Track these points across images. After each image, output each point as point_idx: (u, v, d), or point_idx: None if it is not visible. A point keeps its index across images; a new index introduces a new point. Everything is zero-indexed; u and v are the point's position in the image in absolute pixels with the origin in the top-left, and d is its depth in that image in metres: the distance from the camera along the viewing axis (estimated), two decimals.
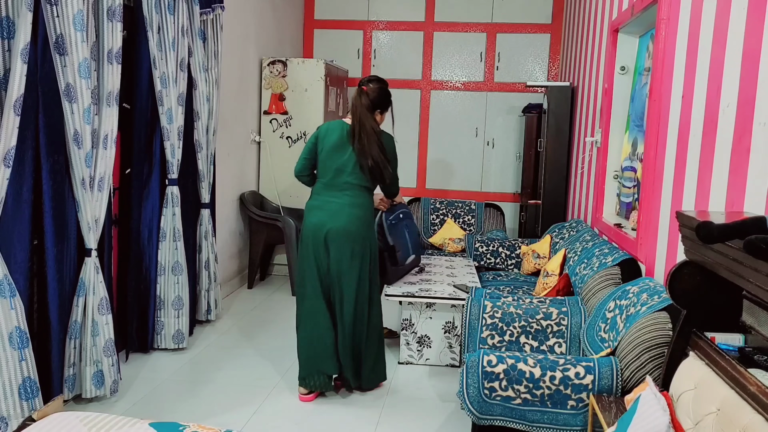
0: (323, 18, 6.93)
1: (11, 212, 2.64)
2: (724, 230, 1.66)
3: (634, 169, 3.79)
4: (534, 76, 6.68)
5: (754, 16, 2.13)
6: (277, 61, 5.69)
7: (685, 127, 2.70)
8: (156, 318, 3.83)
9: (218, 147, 4.64)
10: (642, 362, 2.31)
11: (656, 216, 3.02)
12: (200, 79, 4.09)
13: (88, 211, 3.02)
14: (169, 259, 3.84)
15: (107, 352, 3.15)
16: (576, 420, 2.37)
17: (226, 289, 5.10)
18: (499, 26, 6.69)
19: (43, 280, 2.89)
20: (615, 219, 3.99)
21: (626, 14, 3.81)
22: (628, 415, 1.86)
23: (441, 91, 6.86)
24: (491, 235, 5.52)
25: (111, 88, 3.12)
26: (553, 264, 4.00)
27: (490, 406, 2.42)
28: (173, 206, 3.84)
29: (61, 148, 2.89)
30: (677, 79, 2.86)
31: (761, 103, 2.05)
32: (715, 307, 2.02)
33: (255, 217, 5.33)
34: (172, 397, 3.33)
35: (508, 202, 6.74)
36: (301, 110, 5.70)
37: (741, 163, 2.16)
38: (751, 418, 1.55)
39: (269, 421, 3.11)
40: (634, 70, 4.01)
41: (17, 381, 2.64)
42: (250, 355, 3.92)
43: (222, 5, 4.28)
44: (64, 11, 2.74)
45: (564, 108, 5.28)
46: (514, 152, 6.77)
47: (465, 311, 3.24)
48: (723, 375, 1.77)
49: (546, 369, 2.40)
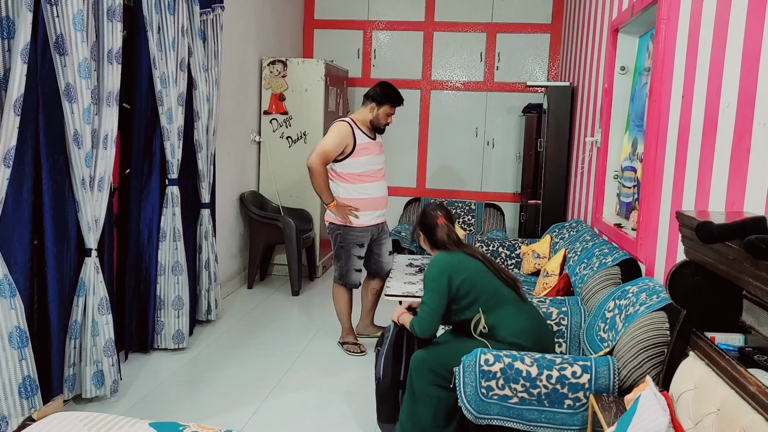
0: (323, 18, 6.93)
1: (11, 212, 2.64)
2: (724, 230, 1.66)
3: (634, 169, 3.79)
4: (534, 76, 6.68)
5: (754, 16, 2.13)
6: (277, 61, 5.69)
7: (685, 127, 2.70)
8: (156, 318, 3.83)
9: (218, 147, 4.64)
10: (639, 362, 2.31)
11: (656, 216, 3.02)
12: (200, 79, 4.09)
13: (88, 211, 3.02)
14: (169, 259, 3.84)
15: (107, 352, 3.15)
16: (573, 419, 2.37)
17: (226, 289, 5.10)
18: (499, 26, 6.69)
19: (43, 280, 2.89)
20: (615, 219, 3.99)
21: (626, 14, 3.81)
22: (628, 415, 1.86)
23: (441, 91, 6.86)
24: (491, 235, 5.52)
25: (111, 88, 3.12)
26: (553, 264, 4.00)
27: (488, 405, 2.41)
28: (173, 206, 3.84)
29: (61, 148, 2.89)
30: (677, 79, 2.86)
31: (761, 103, 2.05)
32: (715, 307, 2.02)
33: (255, 217, 5.33)
34: (172, 397, 3.33)
35: (508, 202, 6.74)
36: (301, 110, 5.70)
37: (741, 163, 2.16)
38: (751, 418, 1.55)
39: (269, 421, 3.11)
40: (634, 70, 4.01)
41: (17, 380, 2.64)
42: (250, 355, 3.92)
43: (222, 5, 4.28)
44: (64, 11, 2.74)
45: (564, 108, 5.27)
46: (514, 152, 6.77)
47: None
48: (723, 375, 1.76)
49: (543, 368, 2.39)
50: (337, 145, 3.82)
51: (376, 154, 3.94)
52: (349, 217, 3.85)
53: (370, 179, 3.91)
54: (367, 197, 3.91)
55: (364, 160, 3.87)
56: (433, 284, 2.68)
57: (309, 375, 3.67)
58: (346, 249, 3.94)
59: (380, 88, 3.90)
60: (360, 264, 3.98)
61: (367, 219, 3.93)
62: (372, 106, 3.88)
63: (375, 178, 3.94)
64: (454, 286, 2.66)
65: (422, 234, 2.95)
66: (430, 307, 2.66)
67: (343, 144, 3.82)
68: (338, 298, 4.06)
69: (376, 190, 3.94)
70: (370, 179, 3.91)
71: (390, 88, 3.91)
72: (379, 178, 3.97)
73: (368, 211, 3.92)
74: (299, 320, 4.75)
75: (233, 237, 5.31)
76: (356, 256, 3.96)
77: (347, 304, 4.07)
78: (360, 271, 4.00)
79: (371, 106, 3.89)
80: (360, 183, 3.89)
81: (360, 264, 3.98)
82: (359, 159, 3.85)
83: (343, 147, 3.82)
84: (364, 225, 3.92)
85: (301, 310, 4.98)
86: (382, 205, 4.02)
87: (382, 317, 4.44)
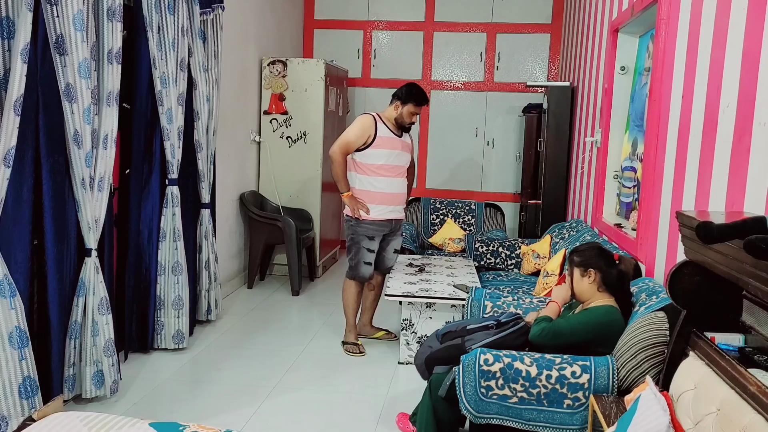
0: (323, 18, 6.93)
1: (11, 212, 2.64)
2: (724, 230, 1.66)
3: (634, 169, 3.79)
4: (534, 76, 6.68)
5: (754, 16, 2.13)
6: (277, 61, 5.69)
7: (685, 127, 2.70)
8: (156, 318, 3.83)
9: (218, 147, 4.64)
10: (638, 361, 2.32)
11: (656, 216, 3.02)
12: (200, 79, 4.08)
13: (88, 211, 3.02)
14: (169, 259, 3.84)
15: (107, 352, 3.15)
16: (572, 419, 2.37)
17: (226, 289, 5.10)
18: (499, 26, 6.69)
19: (43, 280, 2.89)
20: (615, 219, 3.99)
21: (626, 14, 3.81)
22: (628, 415, 1.86)
23: (441, 91, 6.86)
24: (491, 235, 5.52)
25: (111, 88, 3.11)
26: (553, 264, 4.00)
27: (487, 405, 2.42)
28: (173, 206, 3.84)
29: (61, 148, 2.89)
30: (677, 79, 2.86)
31: (761, 103, 2.05)
32: (715, 307, 2.02)
33: (255, 217, 5.33)
34: (172, 397, 3.33)
35: (508, 202, 6.74)
36: (301, 110, 5.70)
37: (741, 163, 2.16)
38: (751, 418, 1.55)
39: (269, 421, 3.11)
40: (634, 70, 4.01)
41: (17, 380, 2.64)
42: (250, 355, 3.92)
43: (222, 5, 4.28)
44: (64, 11, 2.74)
45: (564, 108, 5.28)
46: (514, 152, 6.77)
47: (465, 311, 3.24)
48: (723, 375, 1.77)
49: (542, 368, 2.40)
50: (358, 135, 3.87)
51: (398, 149, 3.94)
52: (360, 211, 3.88)
53: (387, 174, 3.91)
54: (380, 191, 3.91)
55: (384, 153, 3.89)
56: (587, 328, 2.57)
57: (309, 375, 3.67)
58: (357, 241, 3.96)
59: (406, 87, 3.96)
60: (370, 257, 3.98)
61: (378, 213, 3.92)
62: (397, 104, 3.94)
63: (392, 173, 3.93)
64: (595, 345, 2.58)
65: (598, 273, 2.65)
66: (567, 333, 2.58)
67: (365, 135, 3.87)
68: (346, 292, 4.08)
69: (390, 186, 3.93)
70: (387, 174, 3.91)
71: (416, 88, 3.96)
72: (396, 174, 3.96)
73: (379, 204, 3.91)
74: (299, 320, 4.75)
75: (233, 237, 5.31)
76: (366, 249, 3.96)
77: (354, 299, 4.07)
78: (370, 265, 4.00)
79: (396, 104, 3.94)
80: (375, 176, 3.90)
81: (370, 257, 3.98)
82: (379, 151, 3.88)
83: (365, 137, 3.87)
84: (375, 219, 3.93)
85: (301, 310, 4.98)
86: (396, 202, 3.99)
87: (382, 318, 4.44)
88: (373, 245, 3.98)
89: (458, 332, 2.85)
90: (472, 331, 2.81)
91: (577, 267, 2.67)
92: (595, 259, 2.65)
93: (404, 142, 4.01)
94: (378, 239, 3.99)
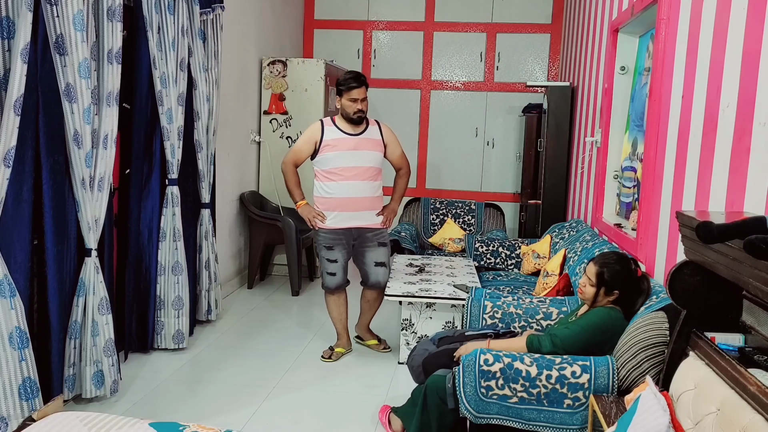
0: (323, 18, 6.93)
1: (11, 212, 2.64)
2: (724, 230, 1.66)
3: (634, 169, 3.79)
4: (534, 76, 6.68)
5: (754, 16, 2.13)
6: (277, 61, 5.69)
7: (685, 127, 2.70)
8: (156, 318, 3.83)
9: (218, 147, 4.64)
10: (638, 361, 2.32)
11: (656, 216, 3.02)
12: (200, 79, 4.09)
13: (88, 211, 3.02)
14: (169, 259, 3.84)
15: (107, 352, 3.15)
16: (573, 419, 2.37)
17: (226, 289, 5.10)
18: (499, 26, 6.69)
19: (43, 280, 2.89)
20: (615, 219, 3.99)
21: (626, 14, 3.81)
22: (628, 415, 1.86)
23: (441, 91, 6.86)
24: (491, 235, 5.52)
25: (111, 88, 3.12)
26: (553, 264, 4.00)
27: (487, 405, 2.42)
28: (173, 206, 3.84)
29: (61, 148, 2.89)
30: (677, 79, 2.86)
31: (761, 103, 2.05)
32: (715, 307, 2.02)
33: (255, 217, 5.33)
34: (172, 397, 3.33)
35: (508, 202, 6.74)
36: (301, 110, 5.70)
37: (741, 163, 2.16)
38: (751, 418, 1.55)
39: (269, 421, 3.11)
40: (634, 70, 4.01)
41: (17, 381, 2.63)
42: (250, 355, 3.92)
43: (222, 5, 4.29)
44: (64, 11, 2.74)
45: (564, 108, 5.27)
46: (514, 152, 6.77)
47: (465, 311, 3.24)
48: (723, 375, 1.77)
49: (542, 368, 2.40)
50: (303, 142, 3.78)
51: (350, 149, 3.70)
52: (314, 220, 3.76)
53: (339, 177, 3.71)
54: (332, 197, 3.73)
55: (332, 156, 3.69)
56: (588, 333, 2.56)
57: (309, 375, 3.67)
58: (317, 251, 3.90)
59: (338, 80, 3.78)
60: (333, 268, 3.82)
61: (333, 221, 3.75)
62: (337, 100, 3.76)
63: (345, 176, 3.70)
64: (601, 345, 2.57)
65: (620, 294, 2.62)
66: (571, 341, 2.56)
67: (312, 141, 3.74)
68: (325, 300, 4.01)
69: (344, 190, 3.71)
70: (339, 177, 3.71)
71: (343, 76, 3.75)
72: (352, 177, 3.71)
73: (333, 211, 3.74)
74: (299, 320, 4.75)
75: (233, 237, 5.31)
76: (326, 259, 3.82)
77: (333, 308, 3.96)
78: (334, 275, 3.83)
79: (338, 99, 3.76)
80: (327, 181, 3.73)
81: (333, 268, 3.82)
82: (327, 154, 3.71)
83: (312, 144, 3.74)
84: (331, 227, 3.76)
85: (301, 310, 4.98)
86: (355, 207, 3.74)
87: (382, 318, 4.44)
88: (332, 255, 3.79)
89: (456, 337, 2.86)
90: (470, 337, 2.83)
91: (605, 285, 2.62)
92: (623, 283, 2.61)
93: (365, 140, 3.75)
94: (340, 250, 3.80)
